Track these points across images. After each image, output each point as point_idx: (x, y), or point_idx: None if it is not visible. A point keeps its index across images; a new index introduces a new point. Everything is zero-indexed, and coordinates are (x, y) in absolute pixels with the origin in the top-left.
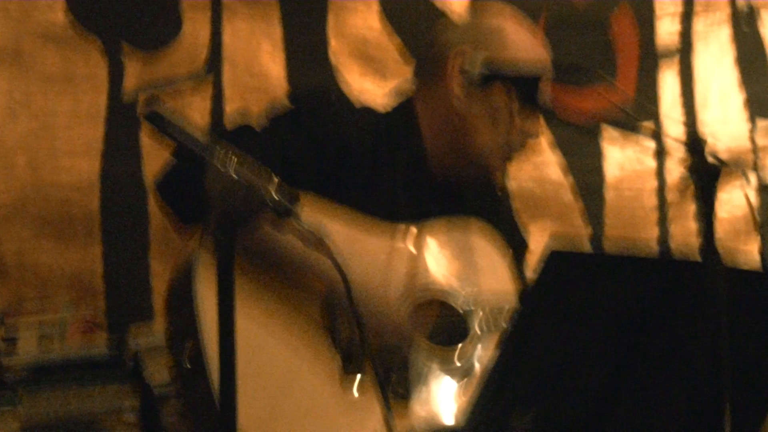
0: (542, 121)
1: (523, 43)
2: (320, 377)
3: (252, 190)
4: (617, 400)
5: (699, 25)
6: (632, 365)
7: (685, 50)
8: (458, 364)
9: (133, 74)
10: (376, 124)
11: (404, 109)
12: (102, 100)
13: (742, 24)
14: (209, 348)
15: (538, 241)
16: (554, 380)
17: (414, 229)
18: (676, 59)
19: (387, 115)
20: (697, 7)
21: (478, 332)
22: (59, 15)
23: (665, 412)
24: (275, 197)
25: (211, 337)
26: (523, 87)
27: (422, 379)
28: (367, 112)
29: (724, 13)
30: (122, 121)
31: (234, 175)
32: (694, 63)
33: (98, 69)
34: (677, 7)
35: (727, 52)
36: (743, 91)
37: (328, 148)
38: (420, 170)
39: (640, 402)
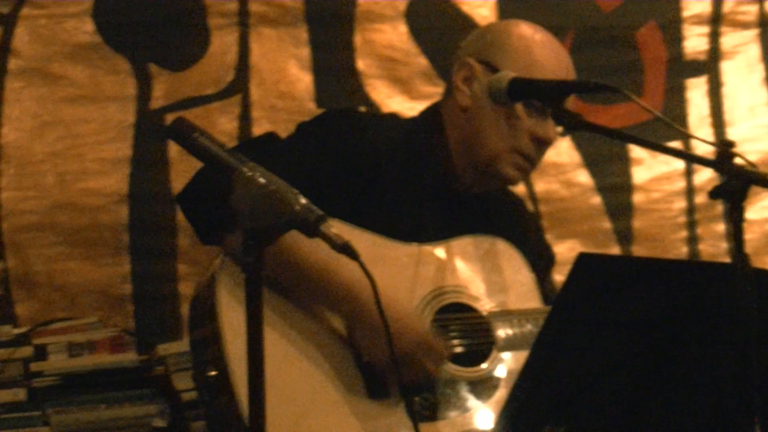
0: (570, 141)
1: (531, 56)
2: (346, 394)
3: (281, 205)
4: (648, 408)
5: (727, 44)
6: (662, 370)
7: (713, 69)
8: (484, 384)
9: (161, 93)
10: (404, 129)
11: (431, 115)
12: (130, 117)
13: None
14: (233, 363)
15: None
16: (585, 388)
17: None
18: (703, 78)
19: (414, 119)
20: (725, 26)
21: (504, 344)
22: (88, 35)
23: (696, 420)
24: (303, 214)
25: (236, 351)
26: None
27: (448, 400)
28: (393, 117)
29: (752, 32)
30: (150, 137)
31: (262, 180)
32: (723, 81)
33: (126, 87)
34: (705, 26)
35: (757, 71)
36: None
37: (354, 152)
38: (447, 181)
39: (670, 409)
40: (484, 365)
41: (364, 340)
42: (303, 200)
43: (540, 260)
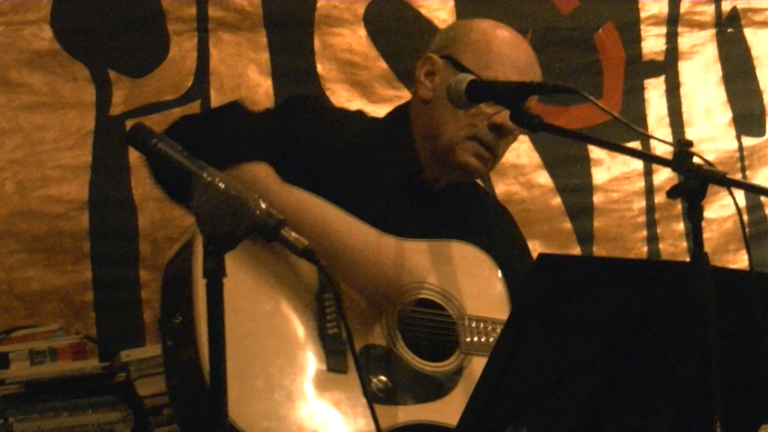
0: (530, 142)
1: (490, 50)
2: (308, 364)
3: (241, 209)
4: (610, 407)
5: (684, 44)
6: (625, 369)
7: (670, 69)
8: (442, 381)
9: (121, 99)
10: (370, 126)
11: (399, 114)
12: (89, 124)
13: (727, 30)
14: (201, 312)
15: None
16: (546, 388)
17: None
18: (661, 78)
19: (382, 118)
20: (682, 27)
21: (467, 346)
22: (46, 42)
23: (658, 419)
24: (263, 218)
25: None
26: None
27: (405, 389)
28: (360, 115)
29: (709, 32)
30: (110, 144)
31: (222, 185)
32: (680, 81)
33: (85, 94)
34: (662, 27)
35: (714, 71)
36: (729, 109)
37: (317, 143)
38: (414, 175)
39: (632, 408)
40: (445, 363)
41: (347, 268)
42: (263, 205)
43: (520, 268)
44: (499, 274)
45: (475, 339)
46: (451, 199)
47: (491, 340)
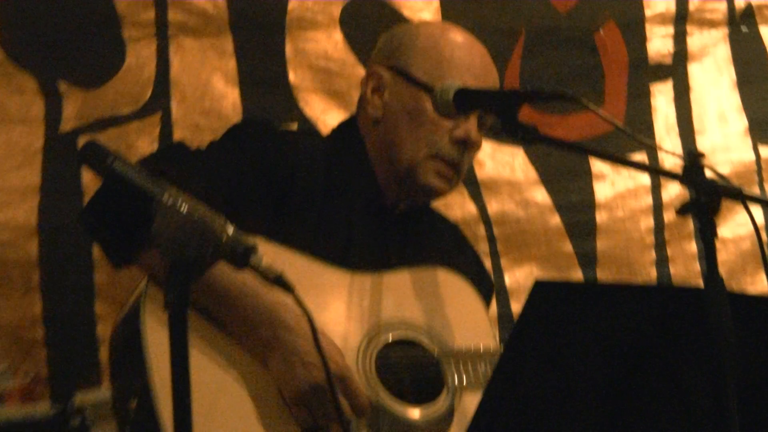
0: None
1: (441, 55)
2: (276, 428)
3: (206, 235)
4: None
5: (694, 44)
6: (629, 403)
7: (679, 72)
8: (432, 425)
9: (72, 113)
10: (321, 147)
11: (349, 132)
12: (38, 141)
13: (741, 29)
14: (160, 392)
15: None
16: (548, 422)
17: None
18: (669, 82)
19: (331, 135)
20: (692, 26)
21: (455, 383)
22: None
23: None
24: (231, 244)
25: (162, 380)
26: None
27: None
28: (309, 135)
29: (721, 31)
30: (61, 163)
31: (184, 209)
32: (690, 86)
33: (33, 108)
34: (670, 26)
35: (727, 73)
36: (744, 116)
37: (269, 164)
38: (374, 198)
39: None
40: (434, 405)
41: (279, 368)
42: (230, 229)
43: (479, 289)
44: (478, 296)
45: (463, 374)
46: (410, 222)
47: (480, 371)
